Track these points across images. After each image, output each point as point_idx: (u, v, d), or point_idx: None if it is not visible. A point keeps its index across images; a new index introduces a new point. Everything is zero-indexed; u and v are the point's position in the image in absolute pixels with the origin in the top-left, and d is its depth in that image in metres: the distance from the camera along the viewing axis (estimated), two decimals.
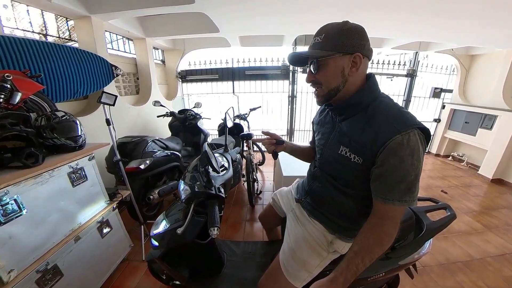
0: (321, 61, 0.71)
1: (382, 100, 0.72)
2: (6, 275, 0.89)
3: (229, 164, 1.20)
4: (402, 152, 0.62)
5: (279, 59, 3.92)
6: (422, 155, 0.65)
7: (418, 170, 0.64)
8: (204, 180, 0.91)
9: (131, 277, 1.56)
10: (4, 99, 1.06)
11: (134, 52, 3.02)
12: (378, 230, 0.68)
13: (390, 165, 0.64)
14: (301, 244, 0.90)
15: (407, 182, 0.64)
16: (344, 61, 0.69)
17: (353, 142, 0.72)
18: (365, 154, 0.69)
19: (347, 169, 0.76)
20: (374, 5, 1.83)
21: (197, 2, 1.81)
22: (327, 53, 0.69)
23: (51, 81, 1.56)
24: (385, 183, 0.66)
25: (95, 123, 1.94)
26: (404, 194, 0.64)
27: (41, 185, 1.05)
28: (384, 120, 0.67)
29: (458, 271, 1.65)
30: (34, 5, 1.71)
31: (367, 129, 0.69)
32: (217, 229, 0.75)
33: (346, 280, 0.66)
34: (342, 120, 0.79)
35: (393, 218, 0.67)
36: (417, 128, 0.64)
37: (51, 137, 1.12)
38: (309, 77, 0.77)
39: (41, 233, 1.04)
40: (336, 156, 0.78)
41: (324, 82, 0.73)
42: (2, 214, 0.90)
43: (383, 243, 0.67)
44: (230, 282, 1.18)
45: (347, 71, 0.70)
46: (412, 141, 0.62)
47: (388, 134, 0.64)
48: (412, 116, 0.67)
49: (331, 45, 0.68)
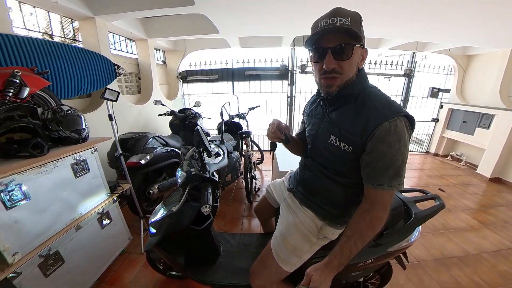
0: (353, 48, 0.66)
1: (371, 90, 0.75)
2: (10, 257, 0.93)
3: (224, 154, 1.25)
4: (390, 139, 0.65)
5: (278, 59, 3.99)
6: (408, 141, 0.68)
7: (405, 155, 0.68)
8: (199, 165, 0.96)
9: (130, 269, 1.59)
10: (13, 93, 1.13)
11: (136, 53, 3.11)
12: (370, 215, 0.71)
13: (378, 152, 0.66)
14: (292, 230, 0.93)
15: (395, 167, 0.67)
16: (359, 53, 0.70)
17: (343, 131, 0.75)
18: (355, 143, 0.71)
19: (337, 158, 0.78)
20: (371, 6, 1.89)
21: (196, 4, 1.88)
22: (362, 39, 0.65)
23: (57, 79, 1.63)
24: (375, 169, 0.68)
25: (98, 120, 2.00)
26: (393, 178, 0.67)
27: (45, 175, 1.11)
28: (373, 109, 0.69)
29: (453, 266, 1.67)
30: (41, 7, 1.79)
31: (356, 118, 0.71)
32: (208, 206, 0.80)
33: (340, 263, 0.69)
34: (332, 111, 0.81)
35: (383, 202, 0.70)
36: (403, 116, 0.67)
37: (57, 130, 1.18)
38: (331, 64, 0.67)
39: (44, 220, 1.09)
40: (326, 145, 0.81)
41: (346, 70, 0.69)
42: (8, 199, 0.95)
43: (375, 227, 0.70)
44: (225, 270, 1.21)
45: (359, 64, 0.72)
46: (399, 128, 0.65)
47: (376, 121, 0.67)
48: (398, 105, 0.71)
49: (359, 32, 0.64)
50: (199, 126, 0.99)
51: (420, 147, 4.55)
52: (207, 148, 0.93)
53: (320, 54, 0.69)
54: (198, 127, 0.98)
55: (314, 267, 0.71)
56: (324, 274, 0.68)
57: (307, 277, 0.70)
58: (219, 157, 1.18)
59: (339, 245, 0.72)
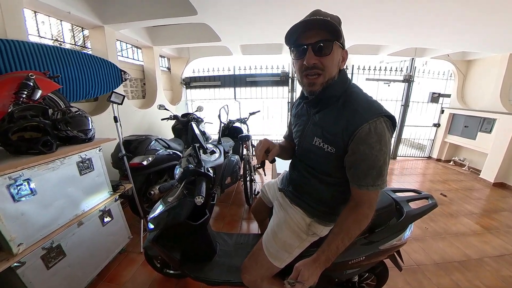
0: (334, 44, 0.68)
1: (352, 91, 0.76)
2: (16, 248, 0.98)
3: (221, 153, 1.29)
4: (370, 140, 0.66)
5: (278, 66, 4.09)
6: (389, 140, 0.70)
7: (386, 154, 0.69)
8: (195, 161, 1.01)
9: (128, 267, 1.62)
10: (26, 95, 1.21)
11: (142, 60, 3.25)
12: (356, 212, 0.73)
13: (360, 153, 0.68)
14: (282, 227, 0.95)
15: (377, 168, 0.68)
16: (340, 53, 0.72)
17: (326, 133, 0.76)
18: (337, 144, 0.73)
19: (322, 159, 0.80)
20: (368, 14, 1.96)
21: (199, 14, 1.99)
22: (341, 37, 0.67)
23: (67, 83, 1.73)
24: (358, 171, 0.70)
25: (103, 123, 2.09)
26: (376, 179, 0.69)
27: (52, 171, 1.17)
28: (353, 110, 0.70)
29: (454, 270, 1.64)
30: (55, 16, 1.93)
31: (338, 120, 0.72)
32: (201, 197, 0.84)
33: (328, 258, 0.72)
34: (316, 113, 0.82)
35: (369, 201, 0.73)
36: (383, 116, 0.68)
37: (65, 129, 1.26)
38: (311, 59, 0.68)
39: (49, 214, 1.15)
40: (311, 147, 0.82)
41: (328, 67, 0.70)
42: (16, 193, 1.01)
43: (360, 224, 0.73)
44: (220, 268, 1.23)
45: (340, 64, 0.73)
46: (378, 128, 0.66)
47: (356, 123, 0.67)
48: (379, 105, 0.71)
49: (338, 32, 0.66)
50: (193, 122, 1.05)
51: (422, 152, 4.51)
52: (201, 143, 0.98)
53: (300, 51, 0.70)
54: (191, 123, 1.04)
55: (302, 262, 0.73)
56: (312, 269, 0.71)
57: (296, 271, 0.72)
58: (216, 154, 1.23)
59: (327, 242, 0.74)
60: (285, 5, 1.84)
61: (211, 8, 1.92)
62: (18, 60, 1.41)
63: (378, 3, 1.75)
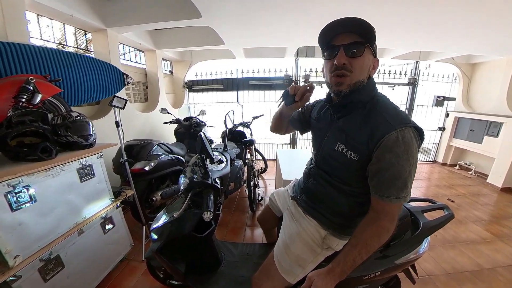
0: (366, 48, 0.69)
1: (379, 99, 0.75)
2: (12, 260, 0.93)
3: (227, 161, 1.25)
4: (397, 149, 0.64)
5: (282, 70, 4.07)
6: (416, 151, 0.67)
7: (412, 166, 0.66)
8: (201, 172, 0.96)
9: (129, 277, 1.57)
10: (26, 99, 1.18)
11: (145, 63, 3.23)
12: (376, 224, 0.69)
13: (386, 161, 0.65)
14: (295, 239, 0.90)
15: (402, 178, 0.65)
16: (372, 60, 0.73)
17: (350, 139, 0.74)
18: (361, 151, 0.70)
19: (343, 166, 0.77)
20: (373, 17, 1.93)
21: (204, 17, 1.97)
22: (374, 43, 0.70)
23: (69, 86, 1.70)
24: (382, 180, 0.67)
25: (105, 127, 2.05)
26: (401, 190, 0.66)
27: (52, 178, 1.13)
28: (380, 118, 0.69)
29: (466, 280, 1.58)
30: (58, 19, 1.90)
31: (363, 126, 0.71)
32: (210, 213, 0.79)
33: (343, 271, 0.67)
34: (340, 117, 0.80)
35: (391, 214, 0.69)
36: (411, 126, 0.66)
37: (65, 135, 1.22)
38: (342, 59, 0.68)
39: (48, 223, 1.10)
40: (332, 152, 0.79)
41: (356, 70, 0.70)
42: (15, 201, 0.96)
43: (380, 237, 0.69)
44: (226, 280, 1.18)
45: (370, 71, 0.74)
46: (406, 138, 0.64)
47: (383, 131, 0.66)
48: (406, 115, 0.71)
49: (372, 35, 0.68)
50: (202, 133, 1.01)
51: (427, 156, 4.46)
52: (210, 154, 0.94)
53: (332, 51, 0.71)
54: (201, 133, 1.00)
55: (316, 272, 0.70)
56: (325, 280, 0.67)
57: (309, 281, 0.69)
58: (222, 164, 1.18)
59: (343, 253, 0.70)
60: (290, 10, 1.81)
61: (216, 12, 1.89)
62: (18, 63, 1.38)
63: (384, 7, 1.72)
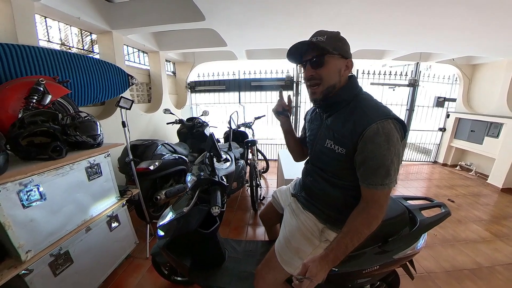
0: (326, 58, 0.77)
1: (362, 97, 0.82)
2: (24, 255, 0.97)
3: (232, 160, 1.28)
4: (379, 139, 0.69)
5: (283, 71, 4.10)
6: (397, 141, 0.71)
7: (394, 154, 0.70)
8: (208, 170, 1.00)
9: (134, 274, 1.60)
10: (37, 100, 1.22)
11: (148, 64, 3.28)
12: (366, 212, 0.74)
13: (368, 151, 0.71)
14: (295, 233, 0.95)
15: (385, 166, 0.70)
16: (341, 63, 0.80)
17: (336, 134, 0.81)
18: (347, 145, 0.77)
19: (333, 161, 0.83)
20: (373, 20, 1.96)
21: (207, 19, 2.01)
22: (335, 51, 0.77)
23: (76, 87, 1.74)
24: (367, 169, 0.72)
25: (110, 127, 2.10)
26: (384, 177, 0.71)
27: (61, 177, 1.17)
28: (362, 113, 0.75)
29: (465, 278, 1.60)
30: (65, 22, 1.95)
31: (347, 122, 0.77)
32: (218, 207, 0.83)
33: (336, 257, 0.71)
34: (328, 117, 0.88)
35: (378, 201, 0.74)
36: (392, 118, 0.72)
37: (74, 135, 1.25)
38: (309, 72, 0.81)
39: (57, 220, 1.14)
40: (323, 149, 0.87)
41: (324, 77, 0.79)
42: (26, 199, 1.00)
43: (370, 225, 0.73)
44: (229, 275, 1.21)
45: (342, 72, 0.80)
46: (386, 128, 0.70)
47: (364, 124, 0.72)
48: (387, 109, 0.76)
49: (333, 46, 0.76)
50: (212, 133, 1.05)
51: (428, 156, 4.47)
52: (219, 153, 0.98)
53: (303, 66, 0.84)
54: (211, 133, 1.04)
55: (311, 259, 0.73)
56: (320, 266, 0.70)
57: (304, 267, 0.72)
58: (228, 162, 1.22)
59: (336, 240, 0.75)
60: (292, 13, 1.86)
61: (219, 14, 1.93)
62: (28, 65, 1.42)
63: (384, 9, 1.75)
